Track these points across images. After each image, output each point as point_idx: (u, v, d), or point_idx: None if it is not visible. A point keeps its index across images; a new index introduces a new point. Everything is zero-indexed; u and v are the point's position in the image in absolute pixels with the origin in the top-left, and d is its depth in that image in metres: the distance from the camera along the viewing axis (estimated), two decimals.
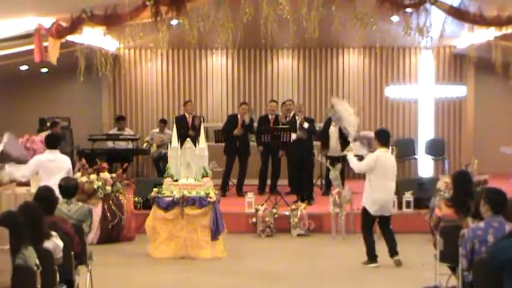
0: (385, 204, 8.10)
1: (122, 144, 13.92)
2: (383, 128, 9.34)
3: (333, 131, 11.85)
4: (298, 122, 11.44)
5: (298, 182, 11.52)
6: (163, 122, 14.07)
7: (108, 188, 9.58)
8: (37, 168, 8.09)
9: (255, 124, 12.28)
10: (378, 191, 8.02)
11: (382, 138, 8.22)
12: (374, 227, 8.33)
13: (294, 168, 11.50)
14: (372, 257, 8.15)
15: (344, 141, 12.05)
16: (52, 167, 7.93)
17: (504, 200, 5.32)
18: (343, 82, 15.20)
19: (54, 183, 6.56)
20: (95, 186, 9.45)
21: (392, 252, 8.13)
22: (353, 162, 8.33)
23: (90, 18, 9.32)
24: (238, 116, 12.33)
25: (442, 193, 8.93)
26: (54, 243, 5.12)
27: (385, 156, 8.13)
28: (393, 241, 8.16)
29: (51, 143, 8.29)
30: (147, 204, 9.86)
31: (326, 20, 9.56)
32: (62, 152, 8.53)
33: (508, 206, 5.32)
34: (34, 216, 4.97)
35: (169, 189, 8.77)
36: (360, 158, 8.51)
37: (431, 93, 15.00)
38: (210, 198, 8.61)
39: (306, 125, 11.32)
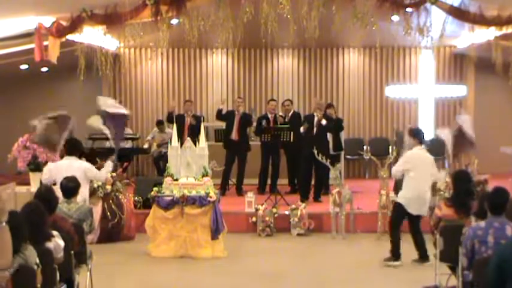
0: (422, 200, 8.03)
1: (121, 144, 13.88)
2: (419, 128, 9.31)
3: None
4: (316, 118, 11.36)
5: (303, 180, 11.50)
6: (160, 124, 14.03)
7: (108, 187, 9.59)
8: (50, 175, 7.65)
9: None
10: (414, 188, 7.97)
11: (421, 137, 8.19)
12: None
13: (305, 165, 11.41)
14: (396, 255, 8.07)
15: (338, 140, 12.11)
16: (63, 174, 7.55)
17: (503, 201, 5.26)
18: (343, 82, 15.20)
19: None
20: (95, 186, 9.44)
21: (423, 254, 8.06)
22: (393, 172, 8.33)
23: (90, 18, 9.33)
24: (235, 112, 12.33)
25: (442, 193, 8.93)
26: (56, 242, 5.12)
27: (420, 154, 8.10)
28: (422, 243, 8.08)
29: (68, 149, 7.89)
30: (147, 204, 9.87)
31: (326, 20, 9.57)
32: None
33: (508, 207, 5.29)
34: (36, 217, 4.96)
35: (169, 189, 8.76)
36: None
37: (432, 93, 15.01)
38: (210, 197, 8.61)
39: (324, 122, 11.28)
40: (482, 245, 5.18)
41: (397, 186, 10.61)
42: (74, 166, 7.65)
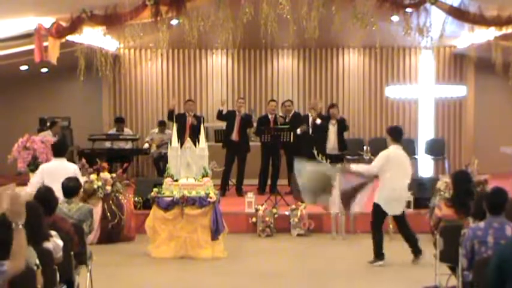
0: (397, 199, 8.11)
1: (121, 144, 13.91)
2: (395, 126, 9.44)
3: (332, 129, 11.87)
4: (311, 118, 11.39)
5: None
6: (162, 124, 14.04)
7: (108, 187, 9.59)
8: (42, 176, 7.99)
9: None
10: (390, 187, 8.04)
11: (396, 134, 8.24)
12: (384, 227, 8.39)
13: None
14: (378, 254, 8.15)
15: (342, 140, 12.12)
16: (56, 175, 7.78)
17: (502, 201, 5.26)
18: (343, 82, 15.19)
19: (57, 190, 6.48)
20: (95, 186, 9.45)
21: (414, 250, 8.16)
22: (362, 168, 8.37)
23: (90, 18, 9.32)
24: (236, 112, 12.35)
25: (442, 193, 8.93)
26: (54, 242, 5.11)
27: (398, 152, 8.15)
28: (414, 238, 8.18)
29: (57, 151, 8.24)
30: (147, 204, 9.87)
31: (326, 20, 9.56)
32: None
33: (507, 207, 5.29)
34: (34, 217, 4.95)
35: (169, 189, 8.77)
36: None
37: (431, 93, 15.00)
38: (210, 198, 8.60)
39: (318, 121, 11.30)
40: (482, 246, 5.18)
41: None
42: (64, 166, 7.94)
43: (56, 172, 7.73)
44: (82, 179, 8.24)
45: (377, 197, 8.18)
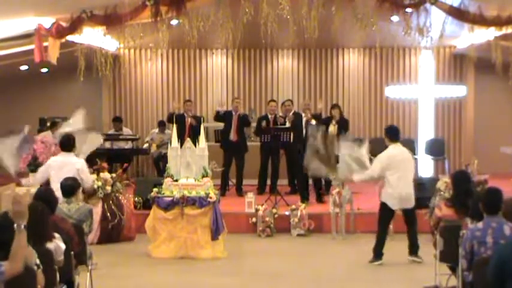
0: (406, 197, 8.13)
1: (121, 144, 13.91)
2: (391, 125, 9.48)
3: (332, 130, 11.85)
4: (304, 119, 11.40)
5: (304, 181, 11.50)
6: (162, 125, 14.05)
7: (108, 188, 9.58)
8: (47, 170, 7.99)
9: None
10: (397, 186, 8.05)
11: (392, 134, 8.25)
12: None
13: (299, 166, 11.49)
14: (378, 254, 8.16)
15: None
16: (61, 170, 7.79)
17: (497, 200, 5.28)
18: (343, 82, 15.20)
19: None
20: (95, 186, 9.44)
21: (412, 250, 8.20)
22: (365, 175, 8.33)
23: (90, 18, 9.32)
24: (233, 113, 12.36)
25: (442, 193, 8.93)
26: (57, 244, 5.11)
27: (397, 151, 8.15)
28: (415, 238, 8.22)
29: (63, 146, 8.19)
30: (147, 204, 9.88)
31: (326, 20, 9.57)
32: None
33: (502, 206, 5.30)
34: (40, 217, 4.95)
35: (169, 189, 8.77)
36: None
37: (431, 93, 15.01)
38: (210, 198, 8.60)
39: (313, 122, 11.31)
40: (482, 246, 5.18)
41: None
42: (69, 162, 7.88)
43: (62, 166, 7.76)
44: (88, 176, 8.25)
45: (384, 197, 8.18)
